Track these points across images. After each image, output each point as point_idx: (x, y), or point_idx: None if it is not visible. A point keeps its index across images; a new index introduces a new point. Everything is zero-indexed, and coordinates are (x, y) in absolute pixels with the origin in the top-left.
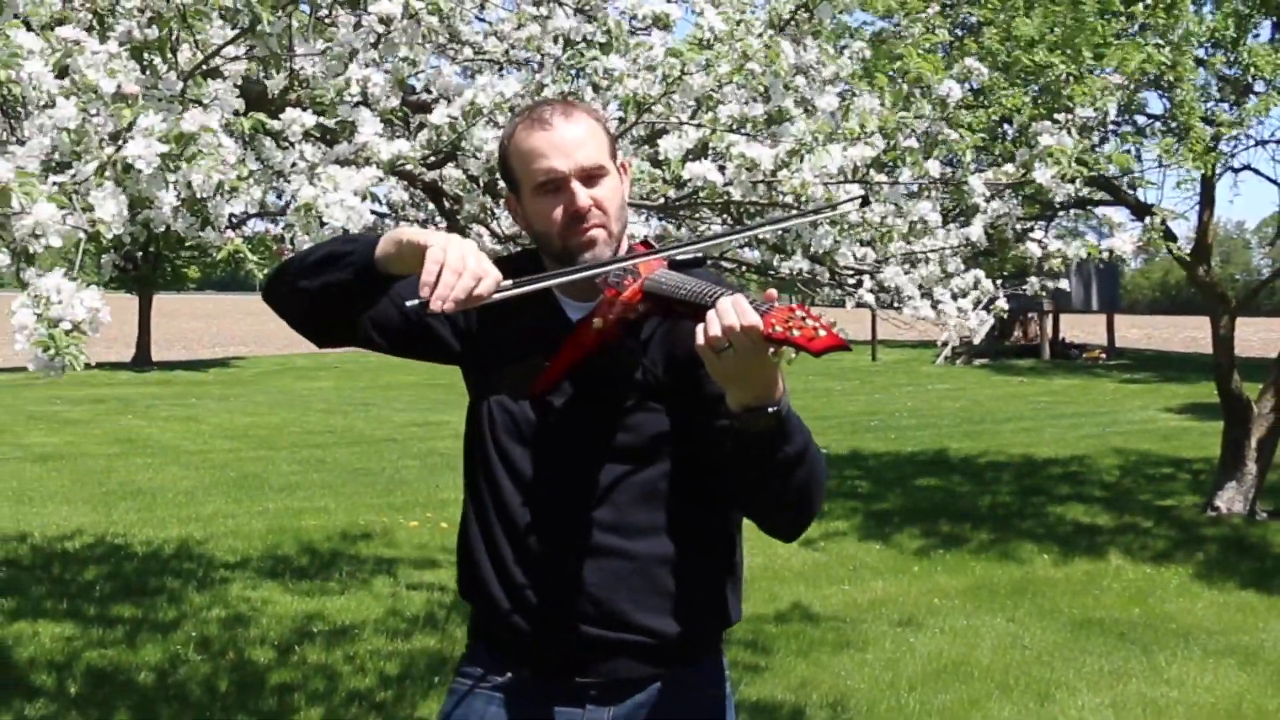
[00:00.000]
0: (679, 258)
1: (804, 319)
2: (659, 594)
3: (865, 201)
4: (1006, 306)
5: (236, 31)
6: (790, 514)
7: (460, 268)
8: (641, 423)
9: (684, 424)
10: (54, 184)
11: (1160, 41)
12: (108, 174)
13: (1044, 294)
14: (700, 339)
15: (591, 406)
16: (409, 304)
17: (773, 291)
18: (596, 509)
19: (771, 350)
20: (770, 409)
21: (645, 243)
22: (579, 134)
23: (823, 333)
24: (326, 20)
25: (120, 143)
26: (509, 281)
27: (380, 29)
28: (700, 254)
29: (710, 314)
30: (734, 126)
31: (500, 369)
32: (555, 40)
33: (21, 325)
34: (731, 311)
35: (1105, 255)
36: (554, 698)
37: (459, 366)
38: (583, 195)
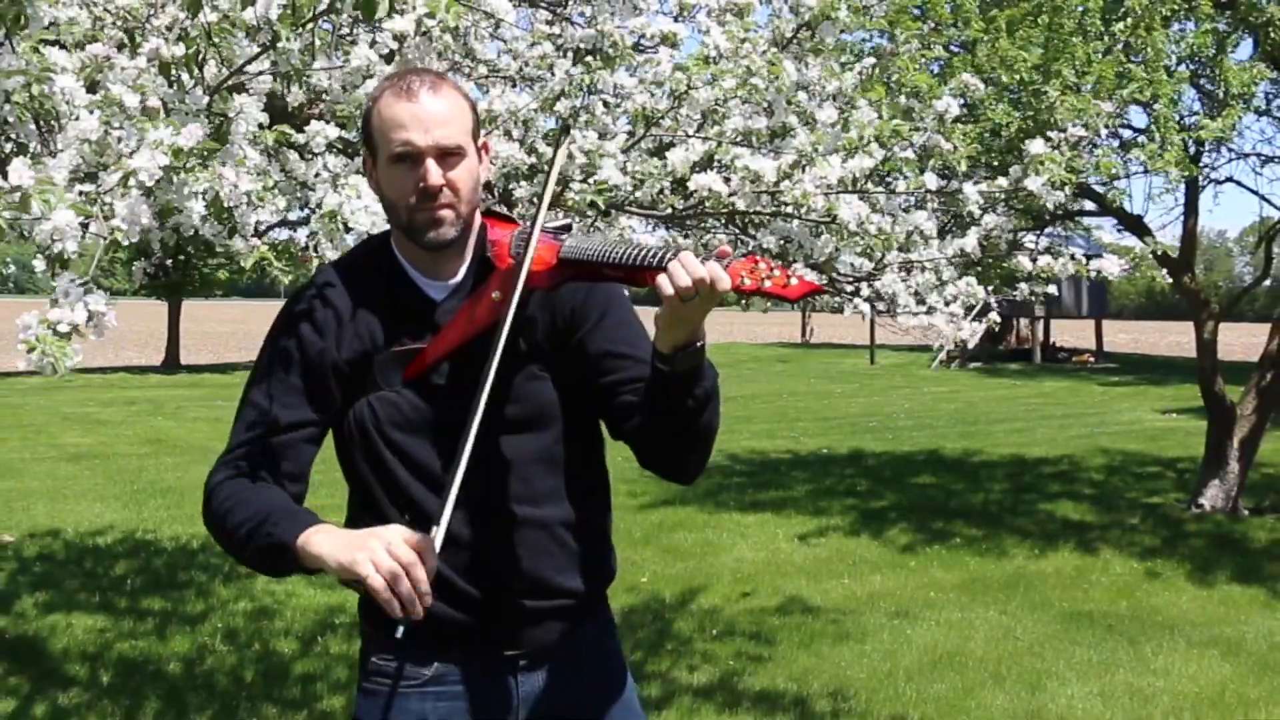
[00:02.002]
0: (551, 225)
1: (771, 270)
2: (571, 555)
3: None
4: (998, 317)
5: (259, 49)
6: (697, 454)
7: (395, 569)
8: (531, 391)
9: (569, 387)
10: (79, 193)
11: (1139, 60)
12: (131, 183)
13: (1035, 299)
14: (669, 290)
15: (476, 381)
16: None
17: (726, 248)
18: (500, 482)
19: (743, 301)
20: (698, 344)
21: (501, 217)
22: (442, 110)
23: (794, 280)
24: (347, 37)
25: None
26: None
27: (394, 44)
28: (568, 223)
29: (674, 267)
30: (738, 140)
31: (370, 364)
32: (564, 54)
33: (25, 325)
34: (698, 266)
35: (1094, 274)
36: (485, 676)
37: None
38: (435, 173)
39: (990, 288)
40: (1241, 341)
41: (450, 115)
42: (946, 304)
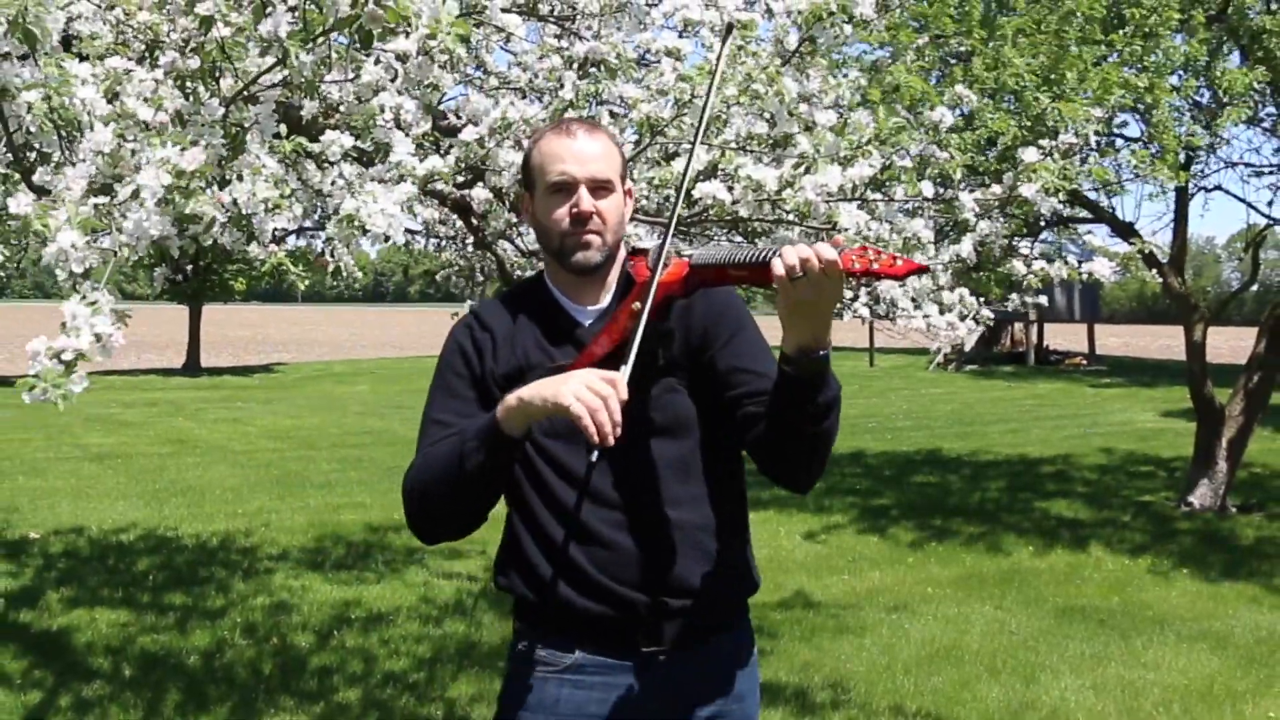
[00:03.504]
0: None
1: (878, 254)
2: (707, 558)
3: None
4: (992, 319)
5: (272, 62)
6: (816, 462)
7: (595, 401)
8: (669, 403)
9: (705, 401)
10: (93, 205)
11: (1138, 68)
12: (144, 195)
13: (1026, 308)
14: (780, 270)
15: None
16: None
17: (839, 237)
18: (640, 486)
19: (858, 281)
20: (822, 353)
21: (642, 253)
22: (596, 149)
23: (900, 261)
24: (360, 51)
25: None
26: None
27: (397, 65)
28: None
29: (785, 249)
30: (740, 145)
31: (524, 379)
32: (571, 65)
33: (34, 352)
34: (805, 247)
35: (1085, 277)
36: (621, 668)
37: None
38: (588, 200)
39: (983, 299)
40: (1229, 345)
41: (603, 154)
42: (942, 311)
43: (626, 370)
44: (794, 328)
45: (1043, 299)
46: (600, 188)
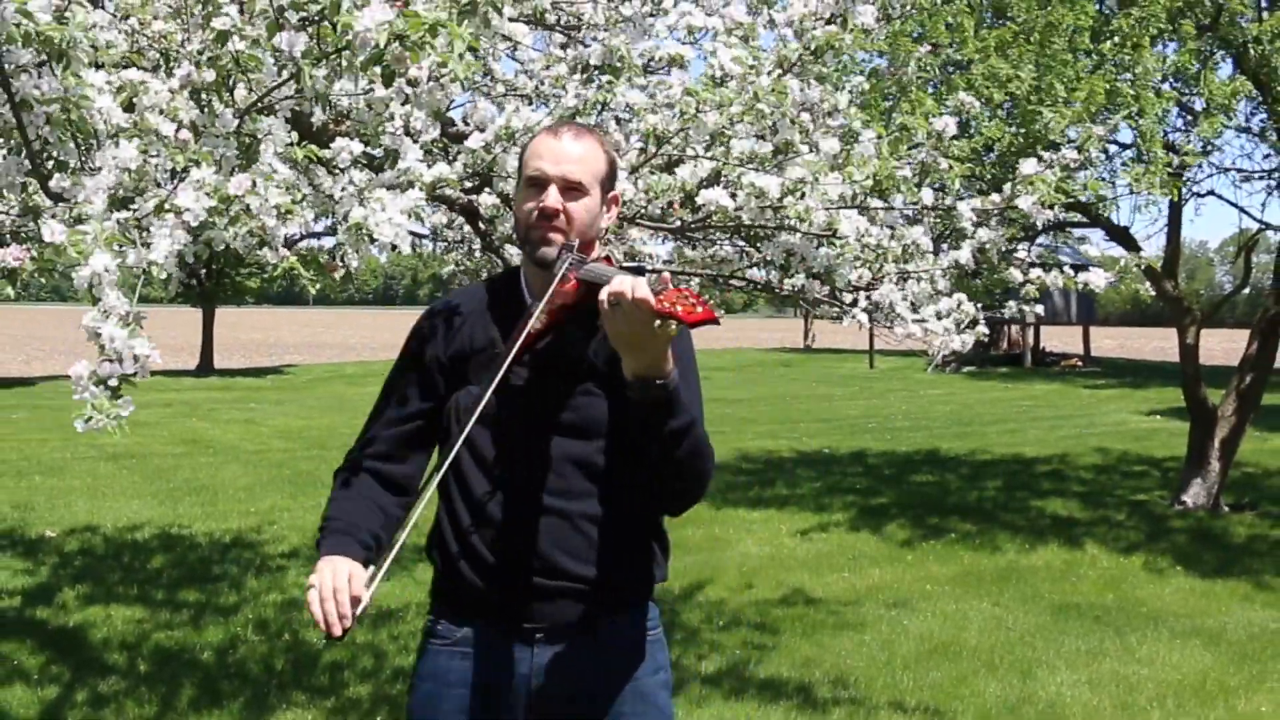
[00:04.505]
0: (625, 265)
1: (689, 299)
2: (591, 547)
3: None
4: (986, 332)
5: (285, 76)
6: (679, 488)
7: (325, 591)
8: (583, 404)
9: (621, 410)
10: (116, 220)
11: (1127, 79)
12: (167, 208)
13: (1021, 316)
14: (601, 295)
15: (543, 387)
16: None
17: (666, 275)
18: (541, 475)
19: (658, 322)
20: (659, 381)
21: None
22: (576, 152)
23: (700, 308)
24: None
25: (175, 184)
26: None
27: (409, 90)
28: (642, 266)
29: (612, 281)
30: (744, 162)
31: (469, 363)
32: (576, 70)
33: (78, 376)
34: (624, 282)
35: (1080, 286)
36: (506, 643)
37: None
38: (553, 198)
39: (979, 305)
40: (1222, 346)
41: (582, 157)
42: (939, 317)
43: (376, 581)
44: (623, 354)
45: (1040, 309)
46: (572, 189)
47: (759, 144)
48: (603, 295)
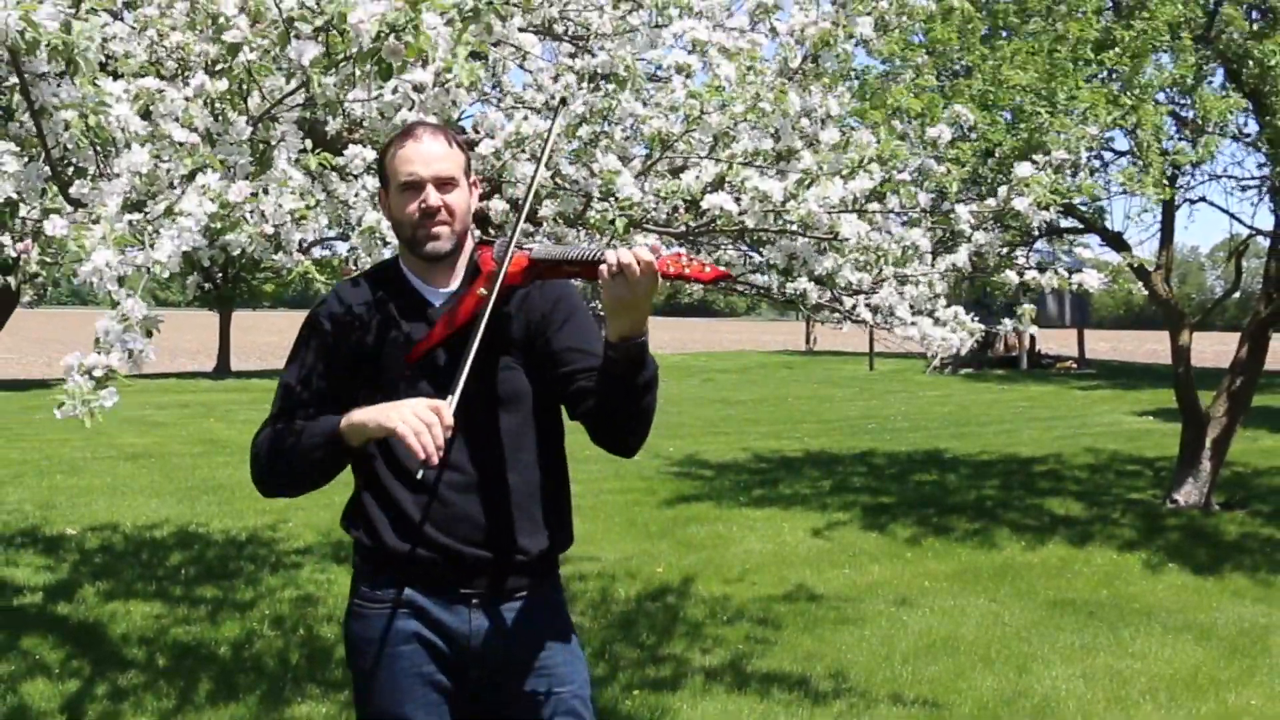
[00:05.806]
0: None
1: (691, 261)
2: (528, 518)
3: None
4: (982, 328)
5: (296, 84)
6: (638, 432)
7: (419, 425)
8: (506, 378)
9: (538, 379)
10: (127, 221)
11: (1126, 87)
12: (188, 222)
13: (1018, 330)
14: (605, 272)
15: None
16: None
17: (659, 244)
18: (474, 451)
19: (668, 283)
20: (640, 339)
21: (489, 243)
22: (439, 150)
23: (708, 269)
24: (380, 82)
25: (183, 189)
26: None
27: (415, 96)
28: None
29: (609, 253)
30: (747, 160)
31: (379, 354)
32: (583, 79)
33: (67, 367)
34: (626, 251)
35: (1075, 287)
36: (445, 606)
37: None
38: (434, 196)
39: (975, 316)
40: (1213, 349)
41: (445, 154)
42: (937, 323)
43: (454, 400)
44: (616, 319)
45: (1034, 329)
46: (445, 183)
47: (761, 141)
48: (605, 271)
